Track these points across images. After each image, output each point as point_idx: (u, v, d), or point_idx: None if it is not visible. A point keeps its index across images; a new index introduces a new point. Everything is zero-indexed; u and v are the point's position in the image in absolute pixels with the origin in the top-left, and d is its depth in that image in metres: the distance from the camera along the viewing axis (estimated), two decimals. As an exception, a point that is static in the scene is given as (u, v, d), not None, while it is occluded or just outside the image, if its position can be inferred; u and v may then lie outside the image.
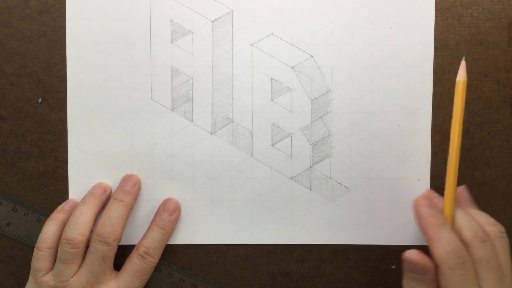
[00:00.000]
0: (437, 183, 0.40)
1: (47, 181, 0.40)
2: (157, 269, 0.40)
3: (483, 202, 0.40)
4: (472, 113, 0.40)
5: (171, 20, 0.39)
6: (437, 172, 0.40)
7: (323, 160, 0.40)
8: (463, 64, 0.35)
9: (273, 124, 0.40)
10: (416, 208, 0.33)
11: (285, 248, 0.40)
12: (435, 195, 0.37)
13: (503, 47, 0.40)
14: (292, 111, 0.39)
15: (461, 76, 0.34)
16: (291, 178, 0.40)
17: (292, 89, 0.39)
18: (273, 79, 0.39)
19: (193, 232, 0.40)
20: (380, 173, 0.40)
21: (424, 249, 0.40)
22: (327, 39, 0.39)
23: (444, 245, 0.31)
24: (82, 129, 0.39)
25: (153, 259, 0.38)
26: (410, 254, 0.33)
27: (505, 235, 0.35)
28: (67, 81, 0.39)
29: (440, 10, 0.39)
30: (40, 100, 0.39)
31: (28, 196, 0.40)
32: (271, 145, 0.40)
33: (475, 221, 0.34)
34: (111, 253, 0.37)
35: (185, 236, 0.40)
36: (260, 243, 0.40)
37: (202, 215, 0.40)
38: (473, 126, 0.40)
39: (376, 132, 0.40)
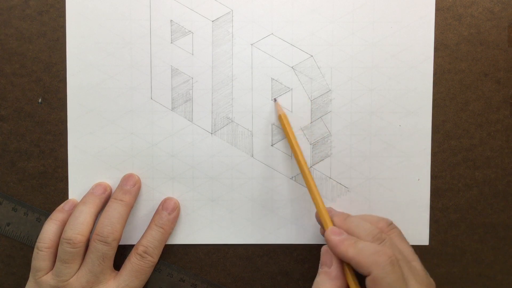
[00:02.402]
0: (437, 183, 0.40)
1: (47, 181, 0.40)
2: (157, 269, 0.40)
3: (483, 202, 0.40)
4: (472, 113, 0.40)
5: (171, 20, 0.39)
6: (437, 172, 0.40)
7: (323, 160, 0.40)
8: (277, 104, 0.39)
9: (273, 124, 0.40)
10: (328, 240, 0.33)
11: (285, 248, 0.40)
12: (332, 210, 0.37)
13: (503, 47, 0.40)
14: (292, 111, 0.39)
15: (279, 111, 0.39)
16: (291, 178, 0.40)
17: (292, 89, 0.39)
18: (273, 79, 0.39)
19: (193, 232, 0.40)
20: (380, 173, 0.40)
21: (427, 248, 0.40)
22: (327, 39, 0.39)
23: (367, 253, 0.31)
24: (82, 129, 0.39)
25: (152, 258, 0.38)
26: (323, 247, 0.34)
27: (394, 225, 0.36)
28: (67, 81, 0.39)
29: (440, 10, 0.39)
30: (40, 100, 0.39)
31: (28, 196, 0.40)
32: (271, 145, 0.40)
33: (366, 223, 0.34)
34: (111, 252, 0.37)
35: (185, 236, 0.40)
36: (260, 243, 0.40)
37: (202, 215, 0.40)
38: (473, 126, 0.40)
39: (376, 132, 0.40)
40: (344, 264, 0.33)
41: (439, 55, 0.39)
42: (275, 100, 0.39)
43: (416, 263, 0.34)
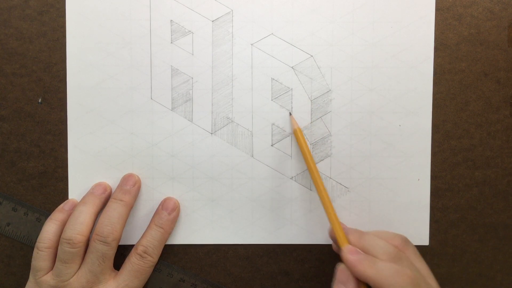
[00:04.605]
0: (437, 183, 0.40)
1: (47, 181, 0.40)
2: (157, 269, 0.40)
3: (483, 202, 0.40)
4: (472, 113, 0.40)
5: (171, 20, 0.39)
6: (437, 172, 0.40)
7: (323, 160, 0.40)
8: (292, 118, 0.39)
9: (273, 124, 0.40)
10: (346, 260, 0.33)
11: (285, 248, 0.40)
12: (345, 227, 0.37)
13: (503, 47, 0.40)
14: (292, 111, 0.39)
15: (295, 125, 0.39)
16: (291, 178, 0.40)
17: (292, 89, 0.39)
18: (273, 79, 0.39)
19: (193, 232, 0.40)
20: (380, 173, 0.40)
21: (427, 248, 0.40)
22: (327, 39, 0.39)
23: (387, 273, 0.31)
24: (82, 129, 0.39)
25: (152, 258, 0.38)
26: (340, 265, 0.34)
27: (409, 241, 0.35)
28: (67, 81, 0.39)
29: (440, 10, 0.39)
30: (40, 100, 0.39)
31: (28, 196, 0.40)
32: (271, 145, 0.40)
33: (382, 241, 0.34)
34: (111, 252, 0.37)
35: (185, 236, 0.40)
36: (260, 243, 0.40)
37: (202, 215, 0.40)
38: (473, 126, 0.40)
39: (376, 132, 0.40)
40: (361, 283, 0.33)
41: (439, 55, 0.39)
42: (290, 114, 0.39)
43: (431, 280, 0.34)
